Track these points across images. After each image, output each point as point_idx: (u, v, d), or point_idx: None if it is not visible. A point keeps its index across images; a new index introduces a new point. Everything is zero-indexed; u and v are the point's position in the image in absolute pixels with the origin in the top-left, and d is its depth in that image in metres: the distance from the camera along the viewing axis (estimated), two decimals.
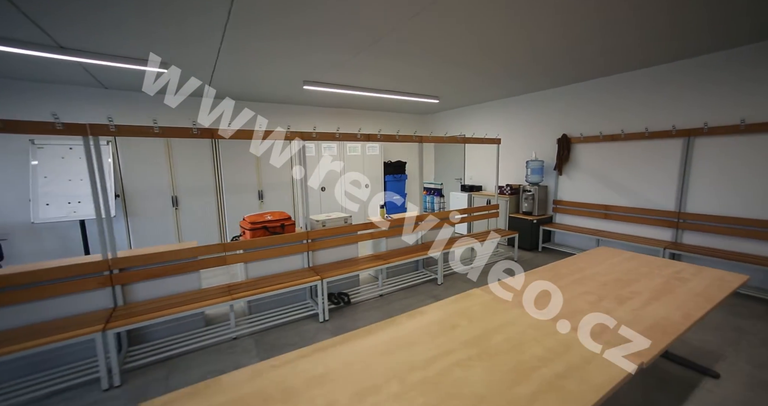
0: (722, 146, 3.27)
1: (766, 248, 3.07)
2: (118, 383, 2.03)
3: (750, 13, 2.35)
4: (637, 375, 1.99)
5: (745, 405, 1.76)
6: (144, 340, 2.43)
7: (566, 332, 1.35)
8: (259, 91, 4.61)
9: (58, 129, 1.98)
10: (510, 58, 3.27)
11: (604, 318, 1.46)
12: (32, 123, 1.92)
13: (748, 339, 2.40)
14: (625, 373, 1.09)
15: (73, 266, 2.12)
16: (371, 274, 3.83)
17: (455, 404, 0.97)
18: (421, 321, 1.46)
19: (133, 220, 4.28)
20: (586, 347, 1.24)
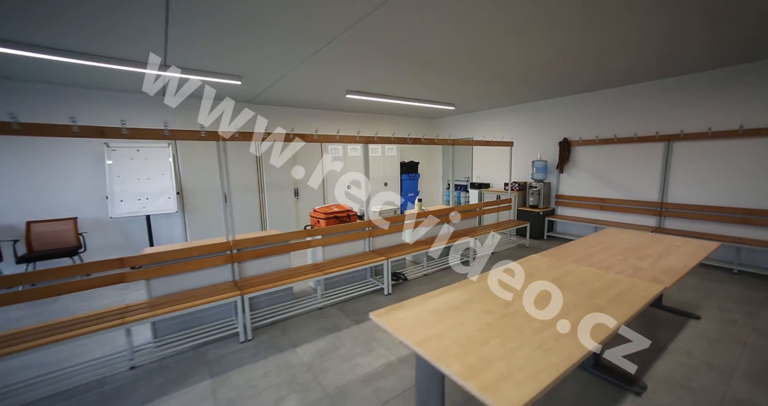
0: (695, 149, 4.10)
1: (728, 229, 3.91)
2: (250, 338, 2.54)
3: (713, 47, 3.13)
4: (648, 311, 2.70)
5: (719, 333, 2.49)
6: (251, 309, 2.93)
7: (614, 274, 2.01)
8: (299, 100, 5.12)
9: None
10: (523, 76, 3.97)
11: (635, 266, 2.13)
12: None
13: (717, 295, 3.18)
14: (659, 290, 1.75)
15: (209, 245, 2.61)
16: (410, 259, 4.43)
17: (560, 306, 1.59)
18: (494, 277, 2.08)
19: (189, 214, 4.69)
20: (629, 280, 1.90)
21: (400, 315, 1.52)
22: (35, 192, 3.90)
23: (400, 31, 2.55)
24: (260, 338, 2.58)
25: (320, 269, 3.04)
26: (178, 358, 2.32)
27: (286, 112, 5.76)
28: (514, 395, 0.99)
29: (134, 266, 2.36)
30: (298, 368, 2.19)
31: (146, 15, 2.20)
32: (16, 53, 2.70)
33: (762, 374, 2.03)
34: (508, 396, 0.98)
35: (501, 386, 1.03)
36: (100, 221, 4.26)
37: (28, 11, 2.11)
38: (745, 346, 2.33)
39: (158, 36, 2.54)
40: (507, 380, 1.06)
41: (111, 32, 2.45)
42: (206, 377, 2.11)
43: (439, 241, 3.90)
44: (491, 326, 1.41)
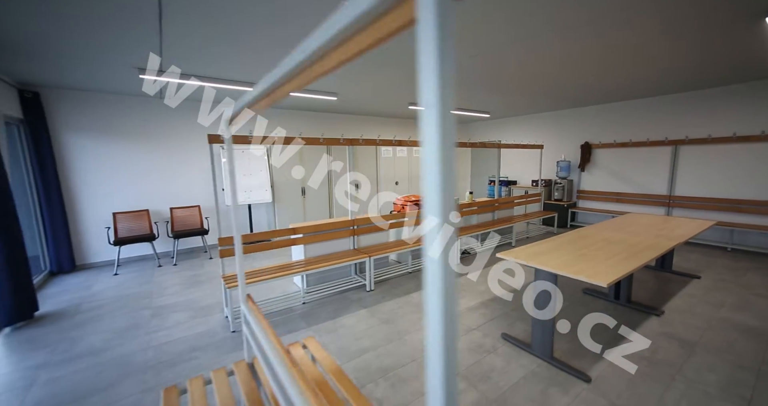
0: (697, 151, 5.04)
1: (723, 216, 4.85)
2: (373, 288, 3.51)
3: (709, 72, 4.09)
4: (653, 274, 3.65)
5: (713, 285, 3.45)
6: (362, 270, 3.89)
7: (642, 238, 2.95)
8: (365, 109, 6.08)
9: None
10: (551, 91, 4.93)
11: (655, 234, 3.08)
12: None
13: (714, 265, 4.13)
14: (678, 242, 2.70)
15: (338, 222, 3.58)
16: (474, 238, 5.38)
17: (614, 251, 2.54)
18: (562, 237, 3.02)
19: (277, 205, 5.66)
20: (654, 240, 2.85)
21: (516, 253, 2.47)
22: (171, 184, 4.88)
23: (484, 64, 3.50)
24: (380, 288, 3.54)
25: (407, 243, 4.00)
26: (330, 299, 3.28)
27: (352, 119, 6.72)
28: (604, 279, 1.94)
29: (301, 233, 3.32)
30: (418, 304, 3.14)
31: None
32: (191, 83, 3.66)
33: (742, 306, 2.98)
34: (600, 279, 1.93)
35: (596, 276, 1.98)
36: (219, 208, 5.23)
37: (209, 54, 3.07)
38: (731, 292, 3.28)
39: None
40: (598, 274, 2.01)
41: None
42: (360, 308, 3.07)
43: (488, 226, 4.86)
44: (578, 257, 2.36)
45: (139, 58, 3.01)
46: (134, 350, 2.40)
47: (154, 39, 2.57)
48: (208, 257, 4.84)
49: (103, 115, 4.35)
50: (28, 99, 3.67)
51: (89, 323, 2.82)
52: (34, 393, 1.96)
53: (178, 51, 2.83)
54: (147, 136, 4.67)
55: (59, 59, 2.99)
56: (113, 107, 4.40)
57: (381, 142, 3.76)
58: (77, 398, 1.92)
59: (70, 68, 3.25)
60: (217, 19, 2.26)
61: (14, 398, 1.93)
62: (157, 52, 2.83)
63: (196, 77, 3.57)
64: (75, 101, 4.16)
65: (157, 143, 4.74)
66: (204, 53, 2.92)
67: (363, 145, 3.61)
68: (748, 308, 2.93)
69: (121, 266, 4.45)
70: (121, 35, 2.48)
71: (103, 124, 4.36)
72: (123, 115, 4.48)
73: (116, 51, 2.81)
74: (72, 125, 4.17)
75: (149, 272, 4.19)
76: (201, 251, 5.14)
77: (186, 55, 2.95)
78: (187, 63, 3.16)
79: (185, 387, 1.46)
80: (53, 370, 2.18)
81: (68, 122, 4.14)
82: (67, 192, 4.20)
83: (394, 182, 7.22)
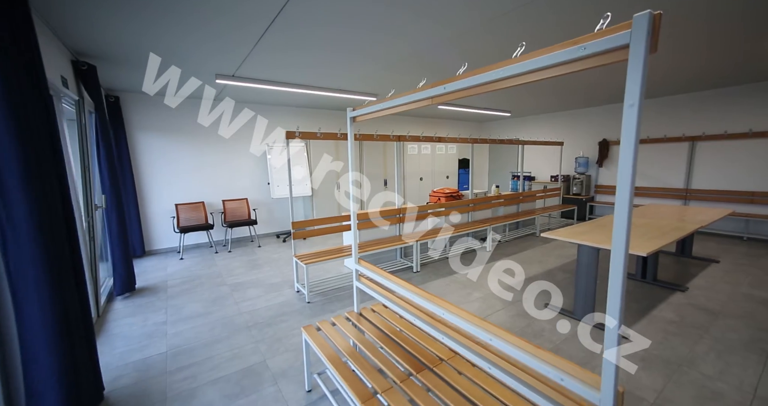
0: (714, 147, 5.34)
1: (739, 207, 5.15)
2: (419, 270, 3.89)
3: (726, 72, 4.40)
4: (675, 259, 3.99)
5: (731, 268, 3.77)
6: (406, 254, 4.28)
7: (666, 222, 3.29)
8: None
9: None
10: (580, 89, 5.26)
11: (678, 219, 3.42)
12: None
13: (731, 252, 4.44)
14: (701, 225, 3.04)
15: (386, 211, 3.97)
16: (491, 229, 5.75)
17: (645, 232, 2.89)
18: (594, 223, 3.37)
19: (315, 197, 6.08)
20: (678, 223, 3.19)
21: (558, 233, 2.84)
22: (223, 178, 5.33)
23: None
24: (425, 270, 3.93)
25: (444, 231, 4.38)
26: None
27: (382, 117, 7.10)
28: (644, 250, 2.29)
29: (359, 219, 3.72)
30: (465, 282, 3.52)
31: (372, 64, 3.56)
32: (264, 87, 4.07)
33: (759, 284, 3.30)
34: (639, 250, 2.29)
35: (634, 249, 2.34)
36: (264, 200, 5.68)
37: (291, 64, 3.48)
38: (749, 274, 3.60)
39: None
40: (636, 247, 2.37)
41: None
42: None
43: (513, 217, 5.22)
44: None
45: (215, 66, 3.43)
46: (232, 314, 2.82)
47: (243, 50, 2.98)
48: (256, 245, 5.27)
49: (167, 115, 4.80)
50: (111, 103, 4.12)
51: (182, 295, 3.25)
52: (170, 340, 2.39)
53: (255, 58, 3.25)
54: (201, 135, 5.12)
55: (143, 68, 3.43)
56: (176, 109, 4.85)
57: (437, 139, 4.14)
58: (206, 343, 2.35)
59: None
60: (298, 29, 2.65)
61: (159, 341, 2.37)
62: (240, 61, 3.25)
63: (264, 81, 3.99)
64: (147, 104, 4.62)
65: (209, 140, 5.19)
66: (273, 59, 3.33)
67: (411, 141, 3.99)
68: (765, 286, 3.26)
69: (181, 252, 4.90)
70: (201, 45, 2.89)
71: (167, 124, 4.81)
72: (183, 116, 4.92)
73: (193, 60, 3.23)
74: (143, 125, 4.63)
75: (209, 257, 4.62)
76: (248, 240, 5.58)
77: (259, 62, 3.37)
78: (255, 68, 3.57)
79: (318, 326, 1.86)
80: (175, 326, 2.61)
81: (140, 122, 4.60)
82: (138, 185, 4.66)
83: (419, 178, 7.59)
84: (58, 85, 2.43)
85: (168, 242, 4.97)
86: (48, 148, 1.52)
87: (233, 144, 5.41)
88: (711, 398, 1.76)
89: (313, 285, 3.45)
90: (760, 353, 2.13)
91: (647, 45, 0.67)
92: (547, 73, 0.87)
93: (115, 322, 2.72)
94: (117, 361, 2.17)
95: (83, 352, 1.59)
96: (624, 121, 0.71)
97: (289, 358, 2.18)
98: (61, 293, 1.46)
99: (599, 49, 0.75)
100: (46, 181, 1.44)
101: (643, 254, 2.21)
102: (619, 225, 0.73)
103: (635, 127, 0.69)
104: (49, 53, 2.35)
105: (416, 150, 7.41)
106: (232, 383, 1.94)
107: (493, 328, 1.13)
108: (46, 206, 1.42)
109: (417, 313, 1.53)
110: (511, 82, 0.96)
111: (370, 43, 2.90)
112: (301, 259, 3.17)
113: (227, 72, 3.65)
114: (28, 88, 1.43)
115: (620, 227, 0.73)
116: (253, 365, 2.12)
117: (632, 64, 0.69)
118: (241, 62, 3.33)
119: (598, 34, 0.75)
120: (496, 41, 2.93)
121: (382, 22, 2.48)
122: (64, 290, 1.48)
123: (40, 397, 1.42)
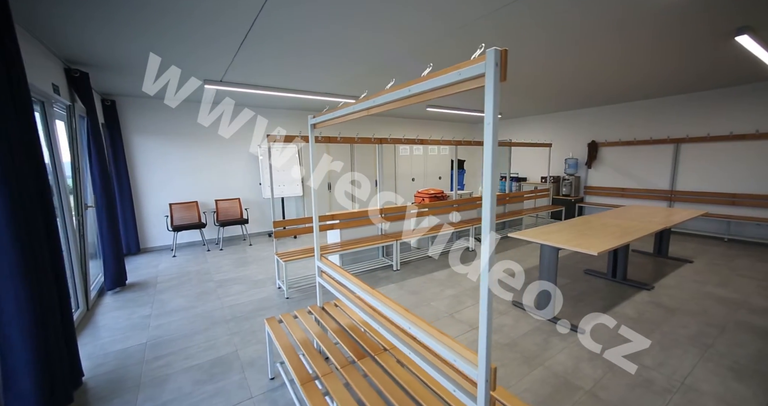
0: (697, 149, 5.41)
1: (721, 209, 5.21)
2: (398, 268, 4.03)
3: (707, 75, 4.47)
4: (650, 259, 4.08)
5: (704, 268, 3.86)
6: (387, 253, 4.42)
7: (637, 223, 3.39)
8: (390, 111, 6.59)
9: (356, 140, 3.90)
10: (566, 92, 5.35)
11: (650, 220, 3.52)
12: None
13: (709, 252, 4.52)
14: (667, 226, 3.14)
15: (368, 211, 4.11)
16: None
17: (612, 232, 3.00)
18: (568, 223, 3.48)
19: (306, 199, 6.24)
20: (649, 225, 3.29)
21: (524, 233, 2.96)
22: (216, 179, 5.50)
23: None
24: (405, 268, 4.06)
25: (425, 230, 4.51)
26: (361, 276, 3.82)
27: (368, 119, 7.25)
28: (596, 249, 2.41)
29: (338, 219, 3.87)
30: (442, 280, 3.65)
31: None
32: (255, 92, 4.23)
33: (724, 283, 3.40)
34: (592, 250, 2.41)
35: (589, 248, 2.45)
36: (256, 200, 5.85)
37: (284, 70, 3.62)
38: (718, 274, 3.69)
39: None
40: (592, 246, 2.48)
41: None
42: (389, 283, 3.60)
43: (500, 218, 5.33)
44: (578, 236, 2.83)
45: (203, 73, 3.59)
46: (213, 309, 2.98)
47: (226, 58, 3.14)
48: (248, 244, 5.44)
49: (163, 118, 4.98)
50: (107, 106, 4.31)
51: (169, 290, 3.42)
52: (152, 332, 2.56)
53: (239, 64, 3.41)
54: (196, 137, 5.29)
55: (141, 74, 3.60)
56: (171, 112, 5.02)
57: (419, 141, 4.28)
58: (185, 335, 2.51)
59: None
60: (285, 38, 2.80)
61: (141, 332, 2.55)
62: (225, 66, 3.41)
63: (246, 85, 4.15)
64: (142, 107, 4.80)
65: (203, 142, 5.36)
66: (261, 66, 3.48)
67: (393, 143, 4.13)
68: (729, 285, 3.35)
69: (174, 250, 5.08)
70: (193, 53, 3.06)
71: (162, 126, 4.99)
72: (178, 119, 5.10)
73: (185, 66, 3.39)
74: (139, 128, 4.81)
75: (201, 255, 4.80)
76: (240, 239, 5.75)
77: (242, 67, 3.53)
78: (238, 73, 3.73)
79: (280, 318, 2.01)
80: (158, 319, 2.78)
81: (136, 125, 4.78)
82: (134, 185, 4.85)
83: (411, 178, 7.72)
84: (48, 91, 2.60)
85: (162, 240, 5.16)
86: (24, 151, 1.65)
87: (226, 146, 5.58)
88: (641, 385, 1.88)
89: (293, 282, 3.60)
90: (701, 347, 2.24)
91: (496, 75, 0.80)
92: (441, 92, 1.01)
93: (102, 315, 2.90)
94: (99, 350, 2.34)
95: (59, 342, 1.74)
96: (485, 135, 0.85)
97: (259, 349, 2.33)
98: (38, 288, 1.61)
99: (469, 75, 0.88)
100: (22, 182, 1.59)
101: (594, 253, 2.33)
102: (485, 226, 0.86)
103: (492, 141, 0.83)
104: (38, 63, 2.52)
105: (408, 152, 7.54)
106: (202, 371, 2.10)
107: (414, 318, 1.27)
108: (20, 205, 1.56)
109: (365, 308, 1.67)
110: (417, 99, 1.10)
111: (331, 57, 3.05)
112: (281, 257, 3.33)
113: (215, 78, 3.82)
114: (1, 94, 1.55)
115: (486, 221, 0.86)
116: (225, 355, 2.28)
117: (487, 90, 0.82)
118: (226, 69, 3.49)
119: (470, 62, 0.88)
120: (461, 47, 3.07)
121: (343, 38, 2.63)
122: (42, 284, 1.64)
123: (15, 382, 1.57)
